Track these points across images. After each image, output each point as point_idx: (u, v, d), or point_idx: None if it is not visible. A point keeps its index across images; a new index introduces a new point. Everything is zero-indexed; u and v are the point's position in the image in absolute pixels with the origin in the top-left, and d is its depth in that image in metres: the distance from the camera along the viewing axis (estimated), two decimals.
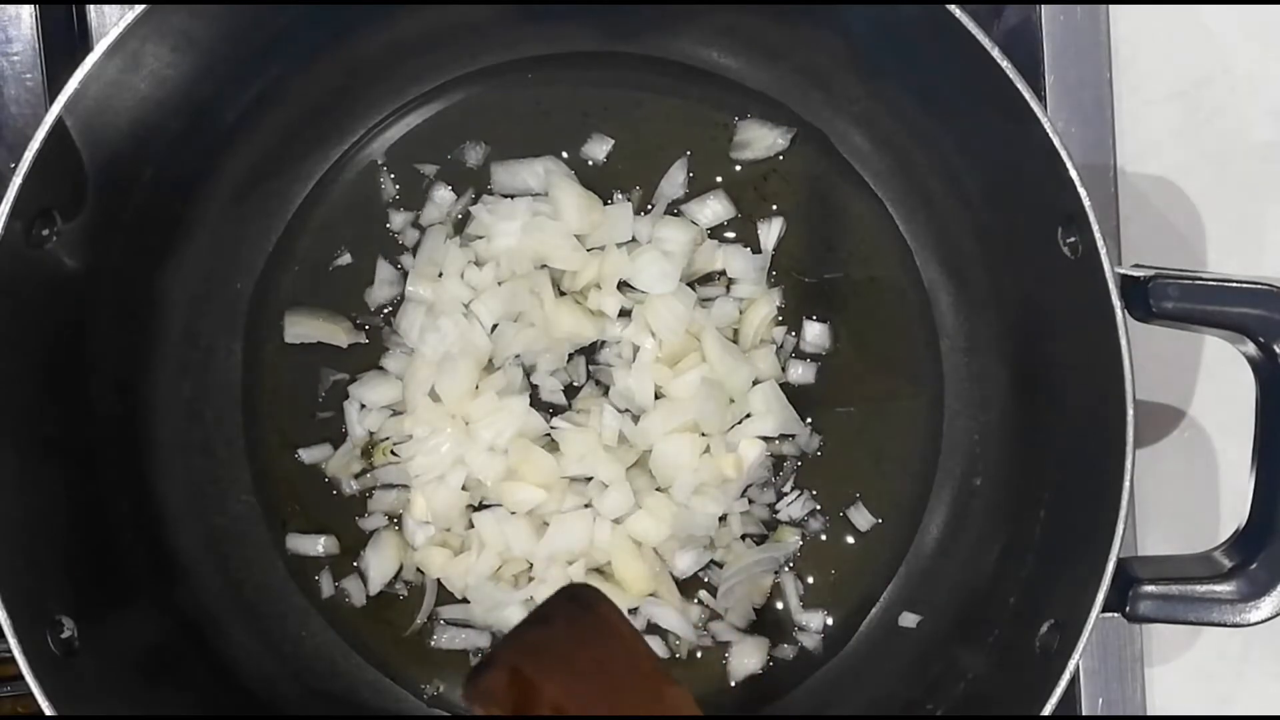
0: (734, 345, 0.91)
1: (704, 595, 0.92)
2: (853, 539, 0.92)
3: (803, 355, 0.92)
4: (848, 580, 0.92)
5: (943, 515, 0.92)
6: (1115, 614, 0.73)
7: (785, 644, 0.92)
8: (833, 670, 0.92)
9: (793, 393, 0.91)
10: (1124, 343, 0.71)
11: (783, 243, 0.92)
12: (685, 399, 0.89)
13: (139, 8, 0.73)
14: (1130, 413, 0.71)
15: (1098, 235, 0.71)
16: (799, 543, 0.92)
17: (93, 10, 0.92)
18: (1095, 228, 0.71)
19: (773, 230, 0.92)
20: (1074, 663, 0.72)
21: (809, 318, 0.92)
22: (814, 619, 0.92)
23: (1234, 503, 0.91)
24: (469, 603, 0.91)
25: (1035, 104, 0.72)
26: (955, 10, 0.73)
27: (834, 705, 0.90)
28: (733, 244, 0.92)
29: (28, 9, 0.89)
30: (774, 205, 0.93)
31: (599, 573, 0.90)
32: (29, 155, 0.73)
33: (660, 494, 0.90)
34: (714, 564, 0.91)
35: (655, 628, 0.91)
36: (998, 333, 0.89)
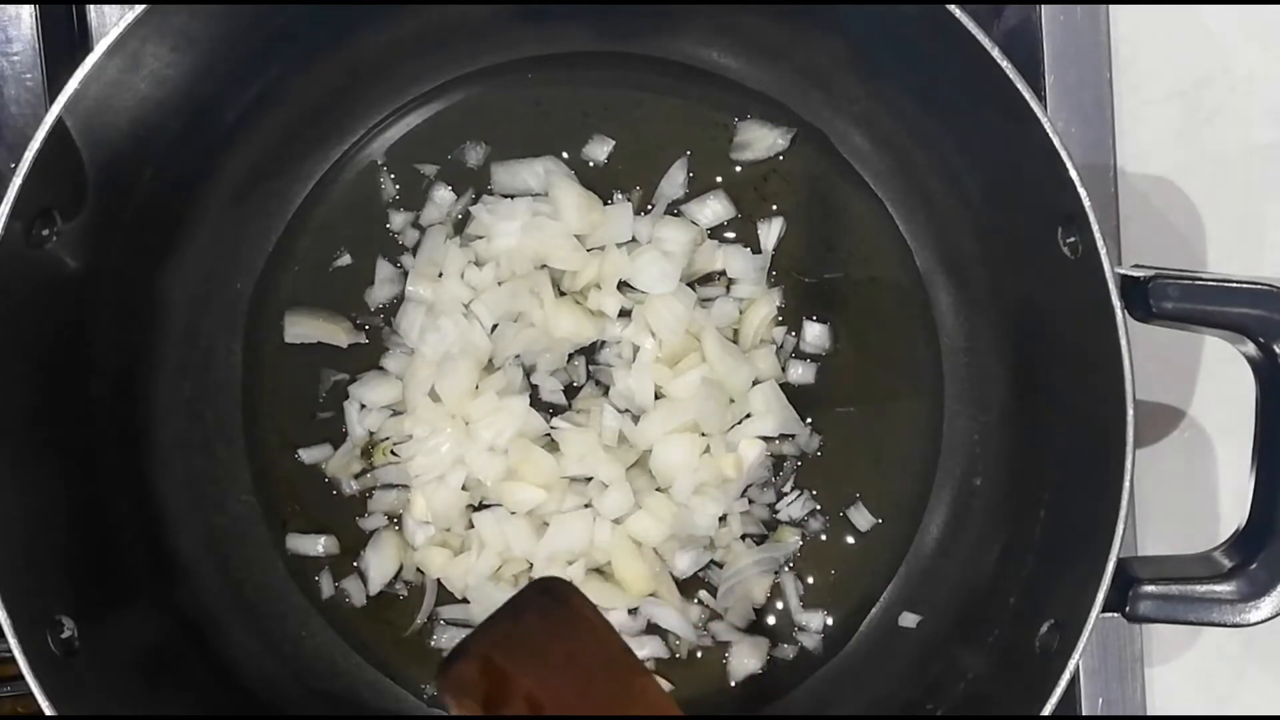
0: (734, 345, 0.91)
1: (704, 595, 0.92)
2: (853, 539, 0.92)
3: (803, 355, 0.92)
4: (848, 580, 0.92)
5: (943, 515, 0.92)
6: (1115, 614, 0.73)
7: (785, 644, 0.92)
8: (833, 670, 0.92)
9: (793, 393, 0.91)
10: (1124, 343, 0.71)
11: (783, 243, 0.92)
12: (685, 399, 0.89)
13: (139, 8, 0.73)
14: (1130, 413, 0.71)
15: (1098, 235, 0.71)
16: (799, 543, 0.92)
17: (93, 10, 0.92)
18: (1095, 228, 0.71)
19: (773, 230, 0.92)
20: (1074, 663, 0.72)
21: (809, 318, 0.92)
22: (814, 619, 0.92)
23: (1234, 503, 0.91)
24: (469, 603, 0.90)
25: (1035, 104, 0.72)
26: (955, 10, 0.73)
27: (834, 705, 0.90)
28: (733, 244, 0.92)
29: (28, 9, 0.89)
30: (774, 205, 0.93)
31: (599, 573, 0.90)
32: (29, 155, 0.73)
33: (660, 494, 0.90)
34: (714, 564, 0.91)
35: (655, 628, 0.91)
36: (998, 333, 0.89)
